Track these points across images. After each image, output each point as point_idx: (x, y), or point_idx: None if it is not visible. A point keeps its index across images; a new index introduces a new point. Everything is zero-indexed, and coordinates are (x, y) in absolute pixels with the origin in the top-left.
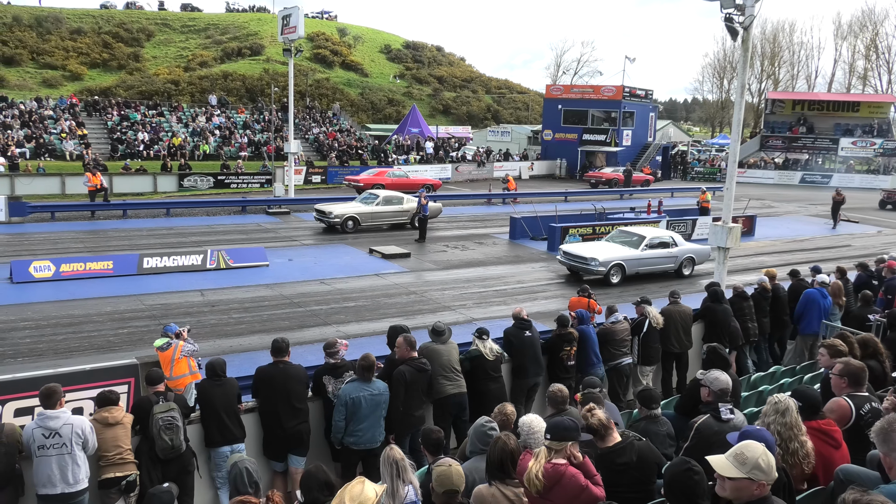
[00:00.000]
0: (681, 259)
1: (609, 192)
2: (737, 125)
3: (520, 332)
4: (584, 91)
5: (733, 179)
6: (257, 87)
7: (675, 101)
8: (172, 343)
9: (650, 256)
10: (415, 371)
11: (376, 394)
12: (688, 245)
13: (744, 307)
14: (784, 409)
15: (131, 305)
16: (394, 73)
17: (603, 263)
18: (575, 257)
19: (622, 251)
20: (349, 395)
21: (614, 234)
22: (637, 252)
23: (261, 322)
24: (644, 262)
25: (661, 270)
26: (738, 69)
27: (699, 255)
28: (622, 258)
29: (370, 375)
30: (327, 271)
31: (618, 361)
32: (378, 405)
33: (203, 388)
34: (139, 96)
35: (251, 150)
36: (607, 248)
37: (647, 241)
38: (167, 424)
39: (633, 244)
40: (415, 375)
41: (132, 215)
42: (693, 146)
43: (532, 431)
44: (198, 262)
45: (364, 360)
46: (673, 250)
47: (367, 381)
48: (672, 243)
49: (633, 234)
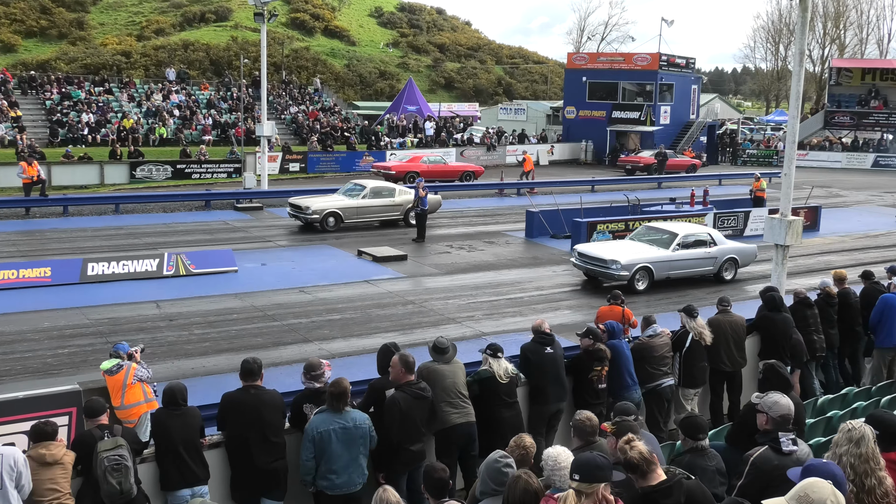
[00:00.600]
0: (721, 261)
1: (644, 179)
2: (795, 99)
3: (540, 348)
4: (614, 60)
5: (792, 163)
6: (224, 59)
7: (721, 72)
8: (123, 365)
9: (683, 258)
10: (411, 398)
11: (350, 427)
12: (729, 244)
13: (808, 317)
14: (858, 439)
15: (73, 320)
16: (386, 41)
17: (626, 267)
18: (592, 259)
19: (649, 252)
20: (316, 429)
21: (640, 232)
22: (667, 253)
23: (228, 339)
24: (676, 265)
25: (697, 274)
26: (797, 32)
27: (743, 255)
28: (649, 260)
29: (342, 405)
30: (308, 277)
31: (657, 383)
32: (353, 441)
33: (159, 419)
34: (83, 71)
35: (217, 134)
36: (631, 248)
37: (680, 239)
38: (114, 465)
39: (663, 243)
40: (411, 403)
41: (74, 212)
42: (744, 124)
43: (558, 467)
44: (153, 268)
45: (334, 387)
46: (711, 250)
47: (339, 411)
48: (710, 242)
49: (662, 231)
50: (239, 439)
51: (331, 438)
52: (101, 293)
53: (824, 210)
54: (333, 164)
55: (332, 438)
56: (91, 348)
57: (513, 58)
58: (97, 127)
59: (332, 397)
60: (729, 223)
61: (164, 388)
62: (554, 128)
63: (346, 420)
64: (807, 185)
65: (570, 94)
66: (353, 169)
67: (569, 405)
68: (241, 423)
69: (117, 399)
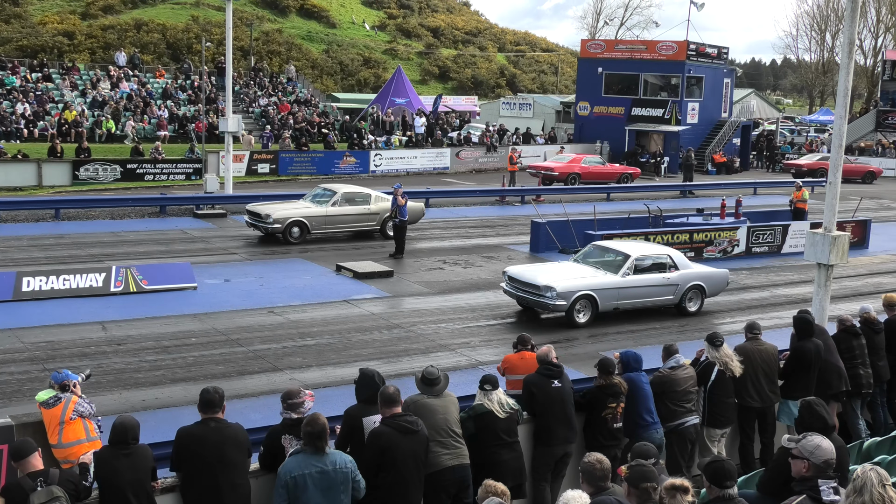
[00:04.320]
0: (683, 288)
1: (668, 187)
2: (843, 96)
3: (546, 381)
4: (634, 48)
5: (838, 171)
6: (182, 42)
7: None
8: (62, 397)
9: (636, 285)
10: (396, 432)
11: (329, 470)
12: (695, 269)
13: (853, 347)
14: (861, 487)
15: (4, 344)
16: (371, 23)
17: (563, 295)
18: (523, 285)
19: (594, 277)
20: (290, 474)
21: (588, 252)
22: (616, 278)
23: (185, 367)
24: (627, 294)
25: (653, 304)
26: (846, 19)
27: (711, 282)
28: (593, 287)
29: (322, 444)
30: (278, 296)
31: (680, 422)
32: (332, 487)
33: (103, 460)
34: (18, 53)
35: (174, 129)
36: (572, 271)
37: (633, 261)
38: None
39: (612, 267)
40: (397, 439)
41: (7, 218)
42: (783, 124)
43: None
44: (98, 284)
45: (310, 426)
46: (671, 275)
47: (319, 452)
48: (670, 265)
49: (612, 251)
50: (197, 481)
51: (306, 485)
52: (38, 312)
53: (874, 224)
54: (309, 166)
55: (307, 485)
56: (25, 376)
57: (518, 44)
58: (34, 119)
59: (309, 437)
60: (764, 238)
61: (115, 422)
62: (565, 126)
63: (324, 463)
64: (855, 196)
65: (584, 88)
66: (331, 171)
67: (578, 447)
68: (200, 463)
69: (54, 436)
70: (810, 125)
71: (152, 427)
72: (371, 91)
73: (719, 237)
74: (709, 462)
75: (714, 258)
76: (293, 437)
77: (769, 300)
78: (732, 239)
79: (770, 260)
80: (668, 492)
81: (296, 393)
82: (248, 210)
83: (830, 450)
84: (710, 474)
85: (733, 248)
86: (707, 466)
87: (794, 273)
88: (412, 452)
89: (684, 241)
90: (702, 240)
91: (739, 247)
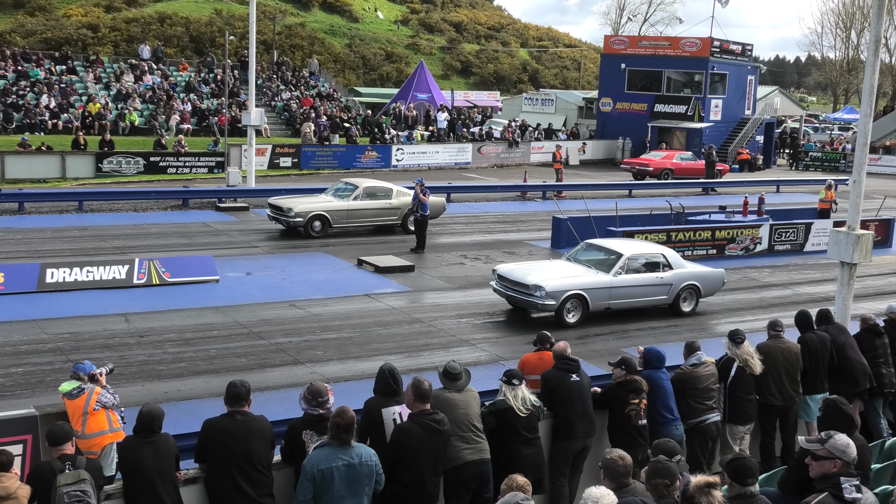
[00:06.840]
0: (677, 288)
1: (692, 184)
2: (868, 94)
3: (564, 376)
4: (658, 45)
5: (863, 169)
6: (206, 36)
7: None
8: (85, 388)
9: (628, 284)
10: (423, 430)
11: (356, 463)
12: (689, 268)
13: (876, 346)
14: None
15: (29, 335)
16: (394, 18)
17: (552, 294)
18: (512, 284)
19: (585, 276)
20: (317, 467)
21: (579, 250)
22: (607, 278)
23: (207, 359)
24: (619, 293)
25: (646, 305)
26: (872, 16)
27: (707, 282)
28: (583, 286)
29: (348, 438)
30: (299, 290)
31: (701, 419)
32: (358, 480)
33: (128, 448)
34: (43, 46)
35: (196, 122)
36: (562, 270)
37: (625, 261)
38: (75, 501)
39: (604, 266)
40: (422, 437)
41: (31, 210)
42: (807, 122)
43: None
44: (121, 276)
45: (340, 417)
46: (665, 275)
47: (345, 445)
48: (664, 265)
49: (605, 250)
50: (222, 473)
51: (333, 477)
52: (62, 304)
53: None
54: (331, 160)
55: (334, 478)
56: (49, 367)
57: (541, 40)
58: (58, 112)
59: (337, 429)
60: (787, 236)
61: (142, 409)
62: (587, 122)
63: (351, 456)
64: (878, 195)
65: (606, 84)
66: (353, 166)
67: (598, 441)
68: (225, 455)
69: (77, 427)
70: (834, 123)
71: (174, 419)
72: (393, 86)
73: (741, 234)
74: (731, 459)
75: (736, 255)
76: (314, 433)
77: (791, 298)
78: (755, 236)
79: (792, 258)
80: (701, 490)
81: (321, 391)
82: (270, 203)
83: (851, 448)
84: (731, 471)
85: (755, 246)
86: (729, 463)
87: (816, 271)
88: (433, 451)
89: (706, 238)
90: (724, 237)
91: (762, 244)
